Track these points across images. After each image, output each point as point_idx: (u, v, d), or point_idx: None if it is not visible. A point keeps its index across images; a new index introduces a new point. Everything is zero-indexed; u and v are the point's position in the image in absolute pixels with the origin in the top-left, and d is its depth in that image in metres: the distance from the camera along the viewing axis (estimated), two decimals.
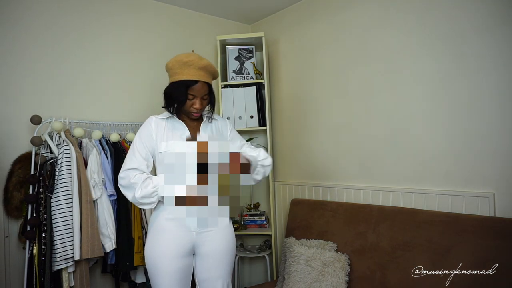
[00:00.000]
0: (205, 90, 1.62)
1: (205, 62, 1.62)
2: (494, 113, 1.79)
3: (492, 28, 1.79)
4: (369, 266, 2.05)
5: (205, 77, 1.61)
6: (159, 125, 1.68)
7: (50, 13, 2.28)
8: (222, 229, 1.70)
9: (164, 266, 1.59)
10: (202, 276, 1.69)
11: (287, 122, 2.95)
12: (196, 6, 2.91)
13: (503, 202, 1.76)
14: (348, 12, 2.47)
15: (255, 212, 2.93)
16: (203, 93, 1.62)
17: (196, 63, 1.59)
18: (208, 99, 1.68)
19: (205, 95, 1.63)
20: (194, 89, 1.59)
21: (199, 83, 1.59)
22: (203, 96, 1.63)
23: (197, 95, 1.61)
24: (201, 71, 1.60)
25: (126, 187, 1.59)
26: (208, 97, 1.67)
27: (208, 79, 1.63)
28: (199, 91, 1.60)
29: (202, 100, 1.63)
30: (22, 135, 2.13)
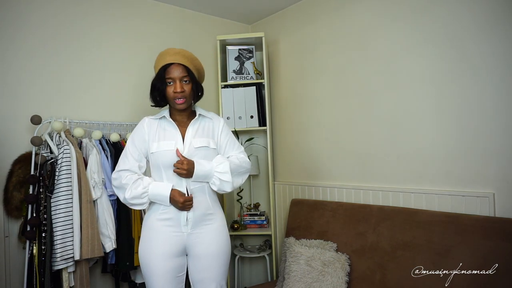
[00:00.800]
0: (182, 72, 1.60)
1: (180, 49, 1.65)
2: (494, 113, 1.79)
3: (493, 27, 1.79)
4: (369, 266, 2.05)
5: (180, 60, 1.60)
6: (151, 126, 1.69)
7: (50, 13, 2.28)
8: (214, 230, 1.68)
9: (156, 266, 1.60)
10: (195, 277, 1.68)
11: (287, 122, 2.95)
12: (196, 6, 2.91)
13: (503, 202, 1.76)
14: (348, 12, 2.47)
15: (255, 212, 2.93)
16: (180, 74, 1.59)
17: (171, 51, 1.63)
18: (191, 85, 1.64)
19: (184, 77, 1.61)
20: (169, 71, 1.60)
21: (174, 64, 1.60)
22: (182, 78, 1.60)
23: (173, 76, 1.60)
24: (176, 55, 1.61)
25: (118, 187, 1.63)
26: (189, 81, 1.63)
27: (184, 62, 1.61)
28: (174, 72, 1.59)
29: (182, 83, 1.60)
30: (22, 135, 2.13)
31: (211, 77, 3.08)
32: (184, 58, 1.62)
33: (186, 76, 1.61)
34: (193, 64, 1.66)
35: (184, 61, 1.61)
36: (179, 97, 1.61)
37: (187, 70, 1.61)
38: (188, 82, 1.62)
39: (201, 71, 1.73)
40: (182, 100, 1.62)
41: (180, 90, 1.59)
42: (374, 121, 2.32)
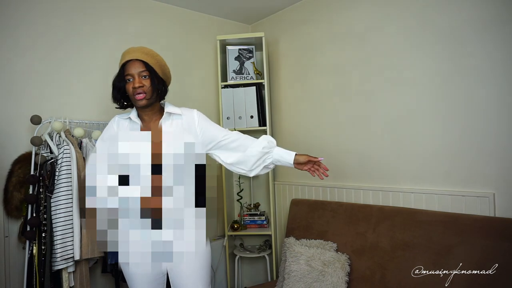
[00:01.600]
0: (140, 67, 1.54)
1: (140, 46, 1.59)
2: (494, 113, 1.79)
3: (492, 27, 1.79)
4: (369, 266, 2.05)
5: (139, 56, 1.55)
6: (120, 125, 1.65)
7: (50, 13, 2.28)
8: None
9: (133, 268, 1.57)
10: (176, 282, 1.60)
11: (287, 122, 2.95)
12: (196, 6, 2.91)
13: (503, 202, 1.76)
14: (348, 12, 2.47)
15: (255, 212, 2.93)
16: (138, 69, 1.53)
17: (130, 49, 1.59)
18: (150, 80, 1.55)
19: (142, 72, 1.54)
20: (128, 68, 1.55)
21: (132, 60, 1.55)
22: (141, 73, 1.54)
23: (132, 73, 1.54)
24: (135, 52, 1.57)
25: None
26: (148, 75, 1.55)
27: (142, 57, 1.55)
28: (132, 69, 1.54)
29: (140, 78, 1.54)
30: (22, 135, 2.13)
31: (211, 77, 3.08)
32: (142, 54, 1.56)
33: (144, 71, 1.54)
34: (155, 59, 1.59)
35: (142, 56, 1.55)
36: (138, 92, 1.53)
37: (145, 65, 1.55)
38: (147, 77, 1.55)
39: (165, 67, 1.64)
40: (141, 95, 1.54)
41: (139, 85, 1.53)
42: (374, 121, 2.32)
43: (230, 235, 2.89)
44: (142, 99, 1.55)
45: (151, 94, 1.56)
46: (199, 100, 2.99)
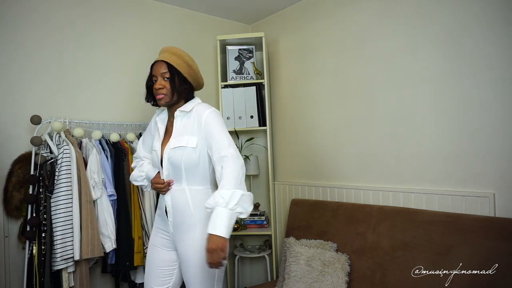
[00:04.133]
0: (163, 68, 1.61)
1: (169, 47, 1.68)
2: (494, 113, 1.79)
3: (493, 28, 1.78)
4: (369, 266, 2.05)
5: (163, 57, 1.63)
6: (155, 122, 1.78)
7: (50, 13, 2.28)
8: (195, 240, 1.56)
9: (149, 254, 1.74)
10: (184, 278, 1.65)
11: (287, 122, 2.95)
12: (196, 6, 2.91)
13: (503, 202, 1.76)
14: (348, 12, 2.46)
15: (255, 212, 2.93)
16: (161, 70, 1.61)
17: (161, 50, 1.70)
18: (170, 81, 1.61)
19: (164, 73, 1.61)
20: (153, 69, 1.65)
21: (157, 62, 1.63)
22: (162, 74, 1.61)
23: (156, 74, 1.63)
24: (162, 53, 1.66)
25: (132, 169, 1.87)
26: (169, 76, 1.61)
27: (168, 58, 1.61)
28: (157, 69, 1.62)
29: (162, 79, 1.61)
30: (22, 135, 2.13)
31: (211, 77, 3.08)
32: (169, 54, 1.63)
33: (166, 72, 1.61)
34: (181, 59, 1.63)
35: (167, 57, 1.62)
36: (158, 93, 1.61)
37: (168, 66, 1.61)
38: (168, 79, 1.61)
39: (192, 67, 1.66)
40: (160, 95, 1.61)
41: (159, 86, 1.60)
42: (374, 121, 2.32)
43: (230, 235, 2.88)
44: (161, 99, 1.63)
45: (171, 95, 1.62)
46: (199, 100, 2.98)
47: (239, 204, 1.39)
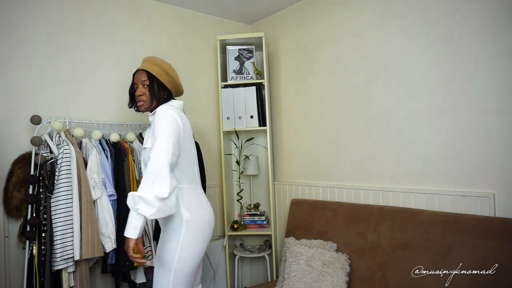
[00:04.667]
0: (143, 76, 1.72)
1: (149, 56, 1.80)
2: (494, 113, 1.79)
3: (492, 28, 1.78)
4: (369, 266, 2.05)
5: (144, 66, 1.75)
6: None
7: (50, 13, 2.28)
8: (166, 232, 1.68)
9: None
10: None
11: (287, 122, 2.95)
12: (196, 6, 2.91)
13: (503, 202, 1.76)
14: (348, 12, 2.46)
15: (255, 212, 2.93)
16: (141, 78, 1.73)
17: (143, 60, 1.80)
18: (149, 88, 1.72)
19: (144, 81, 1.72)
20: (135, 77, 1.77)
21: (138, 70, 1.76)
22: (143, 82, 1.72)
23: (137, 82, 1.75)
24: (144, 63, 1.78)
25: None
26: (149, 84, 1.72)
27: (147, 67, 1.73)
28: (137, 78, 1.75)
29: (142, 87, 1.73)
30: (22, 135, 2.13)
31: (211, 77, 3.08)
32: (148, 63, 1.75)
33: (146, 80, 1.72)
34: (160, 68, 1.74)
35: (147, 66, 1.74)
36: (138, 99, 1.74)
37: (147, 74, 1.72)
38: (147, 86, 1.72)
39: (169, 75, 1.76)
40: (140, 102, 1.73)
41: (139, 93, 1.72)
42: (374, 121, 2.32)
43: (230, 235, 2.89)
44: (141, 106, 1.75)
45: (150, 101, 1.74)
46: (199, 100, 2.99)
47: (139, 205, 1.45)
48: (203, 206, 1.73)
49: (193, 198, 1.70)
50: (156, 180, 1.46)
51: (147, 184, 1.46)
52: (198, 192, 1.76)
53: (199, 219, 1.67)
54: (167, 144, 1.52)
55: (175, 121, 1.60)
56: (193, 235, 1.63)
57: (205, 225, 1.69)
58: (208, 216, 1.72)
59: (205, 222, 1.70)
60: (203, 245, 1.69)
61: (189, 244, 1.62)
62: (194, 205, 1.68)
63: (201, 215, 1.69)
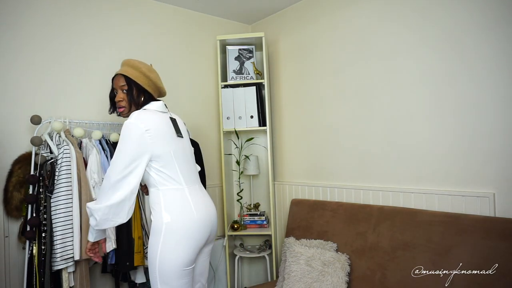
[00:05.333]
0: (121, 81, 1.68)
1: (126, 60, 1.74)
2: (495, 113, 1.79)
3: (493, 28, 1.78)
4: (369, 266, 2.05)
5: (122, 70, 1.70)
6: None
7: (50, 12, 2.28)
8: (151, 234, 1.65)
9: None
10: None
11: (287, 122, 2.95)
12: (196, 6, 2.91)
13: (503, 202, 1.76)
14: (348, 12, 2.47)
15: (255, 212, 2.93)
16: (120, 83, 1.69)
17: (121, 63, 1.76)
18: (127, 93, 1.68)
19: (122, 86, 1.68)
20: (113, 82, 1.72)
21: (116, 75, 1.71)
22: (121, 87, 1.69)
23: (116, 87, 1.71)
24: (122, 67, 1.73)
25: None
26: (127, 88, 1.68)
27: (125, 71, 1.68)
28: (116, 83, 1.70)
29: (121, 92, 1.69)
30: (22, 135, 2.13)
31: (211, 77, 3.08)
32: (126, 67, 1.70)
33: (124, 85, 1.68)
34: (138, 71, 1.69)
35: (124, 70, 1.69)
36: (119, 105, 1.71)
37: (125, 79, 1.68)
38: (126, 91, 1.68)
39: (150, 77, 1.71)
40: (121, 108, 1.70)
41: (118, 99, 1.69)
42: (374, 121, 2.32)
43: (230, 235, 2.89)
44: (122, 112, 1.72)
45: (129, 106, 1.71)
46: (199, 100, 2.99)
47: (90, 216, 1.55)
48: (191, 207, 1.63)
49: (177, 200, 1.63)
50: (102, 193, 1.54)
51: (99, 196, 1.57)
52: (184, 193, 1.65)
53: (183, 221, 1.60)
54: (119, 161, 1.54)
55: (134, 133, 1.56)
56: (173, 238, 1.57)
57: (190, 227, 1.61)
58: (195, 216, 1.62)
59: (190, 224, 1.61)
60: (189, 247, 1.60)
61: (169, 247, 1.57)
62: (177, 207, 1.62)
63: (185, 216, 1.61)
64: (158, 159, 1.60)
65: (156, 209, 1.62)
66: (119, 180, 1.51)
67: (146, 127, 1.56)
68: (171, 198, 1.62)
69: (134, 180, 1.55)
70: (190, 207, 1.63)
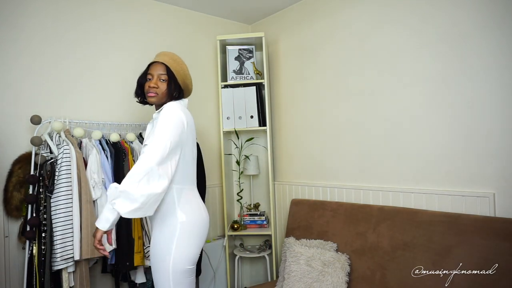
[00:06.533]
0: (161, 70, 1.68)
1: (169, 52, 1.75)
2: (494, 113, 1.79)
3: (492, 28, 1.79)
4: (369, 266, 2.05)
5: (163, 59, 1.69)
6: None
7: (50, 13, 2.28)
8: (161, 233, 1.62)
9: None
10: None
11: (287, 122, 2.95)
12: (196, 6, 2.91)
13: (503, 202, 1.76)
14: (348, 12, 2.47)
15: (255, 212, 2.93)
16: (159, 71, 1.67)
17: (161, 53, 1.75)
18: (167, 83, 1.68)
19: (162, 75, 1.67)
20: (151, 68, 1.70)
21: (155, 62, 1.70)
22: (159, 75, 1.67)
23: (152, 73, 1.68)
24: (162, 56, 1.72)
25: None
26: (167, 78, 1.68)
27: (166, 61, 1.68)
28: (154, 69, 1.68)
29: (158, 80, 1.67)
30: (22, 135, 2.13)
31: (211, 77, 3.08)
32: (168, 58, 1.70)
33: (164, 74, 1.67)
34: (179, 67, 1.71)
35: (167, 61, 1.69)
36: (151, 91, 1.67)
37: (166, 69, 1.68)
38: (165, 81, 1.68)
39: (186, 77, 1.74)
40: (152, 93, 1.66)
41: (154, 85, 1.66)
42: (374, 121, 2.32)
43: (230, 235, 2.89)
44: (152, 98, 1.68)
45: (163, 96, 1.69)
46: (199, 100, 2.99)
47: (118, 200, 1.40)
48: (200, 207, 1.70)
49: (191, 200, 1.67)
50: (145, 177, 1.42)
51: (134, 180, 1.41)
52: (195, 193, 1.73)
53: (195, 220, 1.64)
54: (165, 144, 1.49)
55: (179, 122, 1.57)
56: (187, 237, 1.60)
57: (201, 227, 1.66)
58: (204, 216, 1.70)
59: (201, 224, 1.67)
60: (198, 246, 1.66)
61: (183, 245, 1.59)
62: (190, 207, 1.65)
63: (198, 216, 1.66)
64: (184, 156, 1.63)
65: (169, 208, 1.60)
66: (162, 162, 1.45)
67: (185, 122, 1.61)
68: (186, 198, 1.64)
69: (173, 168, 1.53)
70: (201, 208, 1.71)
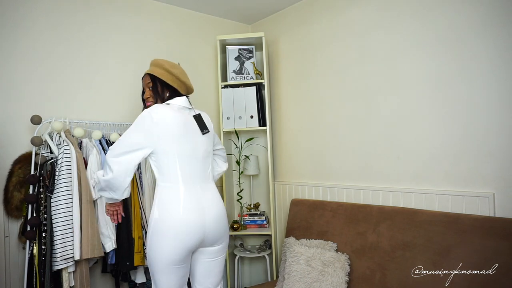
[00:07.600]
0: (147, 78, 1.82)
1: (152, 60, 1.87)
2: (494, 113, 1.79)
3: (491, 29, 1.79)
4: (369, 266, 2.05)
5: (148, 70, 1.83)
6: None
7: (50, 13, 2.28)
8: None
9: None
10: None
11: (287, 122, 2.95)
12: (196, 6, 2.91)
13: (503, 202, 1.76)
14: (348, 12, 2.47)
15: (255, 212, 2.93)
16: (146, 81, 1.83)
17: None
18: (152, 88, 1.80)
19: (148, 83, 1.82)
20: (142, 82, 1.87)
21: (144, 75, 1.85)
22: (147, 85, 1.82)
23: (143, 86, 1.86)
24: (149, 67, 1.87)
25: None
26: (152, 85, 1.80)
27: (150, 70, 1.80)
28: (144, 82, 1.85)
29: (148, 90, 1.83)
30: (22, 135, 2.13)
31: (211, 77, 3.08)
32: (152, 66, 1.83)
33: (149, 82, 1.81)
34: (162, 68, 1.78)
35: (150, 70, 1.81)
36: (147, 101, 1.83)
37: (150, 77, 1.80)
38: (151, 88, 1.81)
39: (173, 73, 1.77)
40: (149, 102, 1.82)
41: (146, 96, 1.84)
42: (374, 121, 2.32)
43: (230, 235, 2.89)
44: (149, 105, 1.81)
45: (155, 101, 1.81)
46: (199, 100, 2.98)
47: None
48: (178, 207, 1.61)
49: (170, 197, 1.62)
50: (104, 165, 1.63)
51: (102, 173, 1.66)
52: (178, 192, 1.63)
53: (166, 219, 1.59)
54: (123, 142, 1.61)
55: (143, 122, 1.62)
56: (158, 234, 1.60)
57: (172, 226, 1.58)
58: (180, 217, 1.59)
59: (174, 224, 1.58)
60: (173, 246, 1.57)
61: (154, 242, 1.61)
62: (166, 204, 1.61)
63: (170, 215, 1.60)
64: (161, 156, 1.65)
65: (153, 204, 1.69)
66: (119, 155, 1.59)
67: (157, 121, 1.62)
68: (164, 196, 1.66)
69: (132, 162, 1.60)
70: (178, 207, 1.62)
